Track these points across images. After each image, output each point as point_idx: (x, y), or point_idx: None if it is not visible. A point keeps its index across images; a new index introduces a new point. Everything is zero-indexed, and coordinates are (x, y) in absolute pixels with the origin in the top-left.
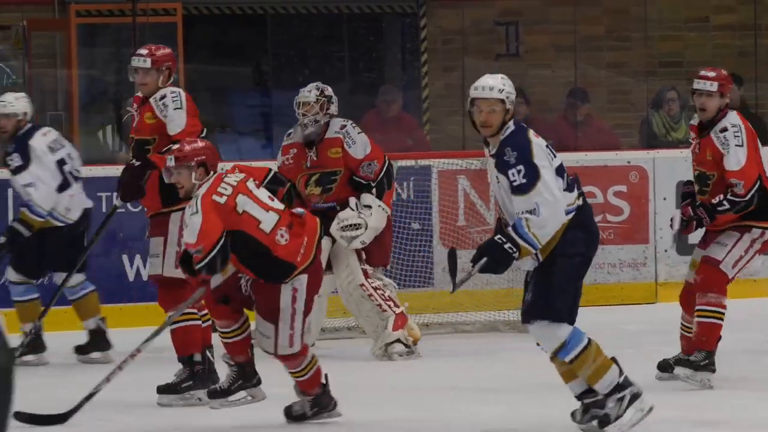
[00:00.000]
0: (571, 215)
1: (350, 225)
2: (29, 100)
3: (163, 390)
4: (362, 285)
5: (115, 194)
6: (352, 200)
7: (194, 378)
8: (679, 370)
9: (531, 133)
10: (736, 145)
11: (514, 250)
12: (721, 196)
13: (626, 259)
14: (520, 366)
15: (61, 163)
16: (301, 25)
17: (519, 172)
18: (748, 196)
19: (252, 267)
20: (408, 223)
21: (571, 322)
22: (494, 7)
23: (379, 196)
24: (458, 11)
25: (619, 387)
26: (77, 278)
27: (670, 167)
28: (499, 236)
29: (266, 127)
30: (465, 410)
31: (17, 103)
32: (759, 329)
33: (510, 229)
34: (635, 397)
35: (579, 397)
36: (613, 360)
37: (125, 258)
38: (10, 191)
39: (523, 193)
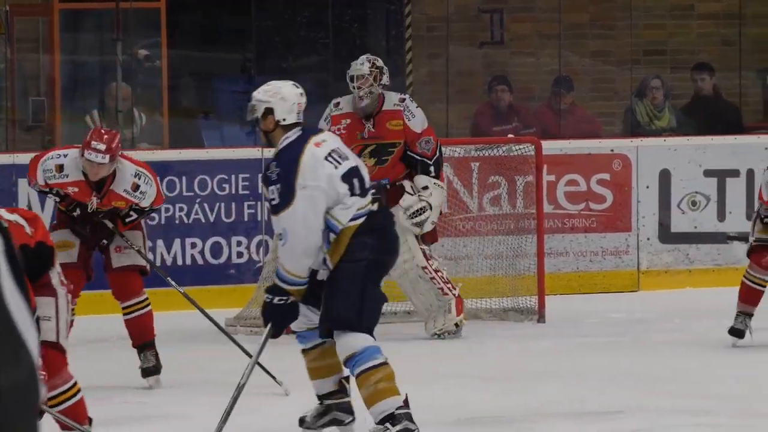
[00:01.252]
0: (360, 220)
1: (417, 211)
2: None
3: None
4: (425, 267)
5: None
6: (407, 184)
7: None
8: None
9: (311, 143)
10: None
11: (284, 298)
12: None
13: (609, 248)
14: (503, 353)
15: None
16: (285, 12)
17: (277, 190)
18: None
19: None
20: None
21: (363, 329)
22: None
23: (437, 174)
24: None
25: (392, 417)
26: None
27: (654, 155)
28: (266, 295)
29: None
30: (449, 397)
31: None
32: None
33: (274, 276)
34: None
35: (322, 397)
36: (403, 399)
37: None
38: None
39: (275, 213)
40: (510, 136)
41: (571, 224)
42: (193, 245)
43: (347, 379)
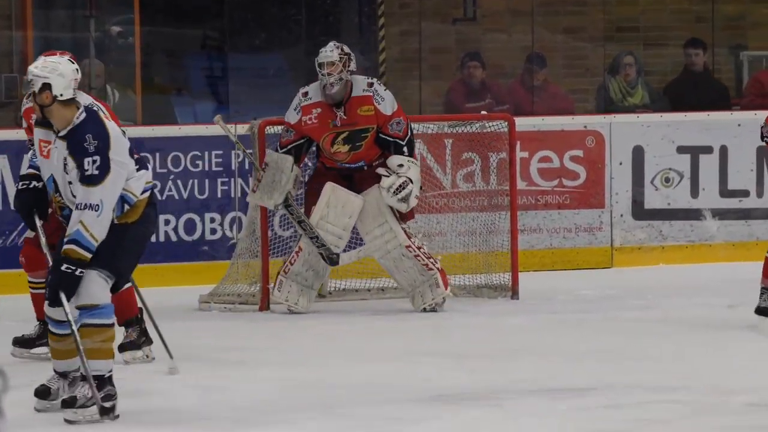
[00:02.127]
0: (148, 193)
1: (400, 186)
2: None
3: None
4: (408, 246)
5: None
6: (381, 170)
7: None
8: None
9: (105, 120)
10: None
11: (83, 271)
12: None
13: (582, 224)
14: (476, 330)
15: None
16: None
17: (94, 162)
18: None
19: None
20: None
21: (115, 288)
22: None
23: (410, 153)
24: None
25: (101, 380)
26: None
27: (627, 132)
28: (66, 265)
29: (222, 90)
30: (420, 374)
31: None
32: (716, 294)
33: (71, 245)
34: (108, 398)
35: (63, 374)
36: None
37: None
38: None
39: (92, 184)
40: (483, 112)
41: (545, 201)
42: (167, 222)
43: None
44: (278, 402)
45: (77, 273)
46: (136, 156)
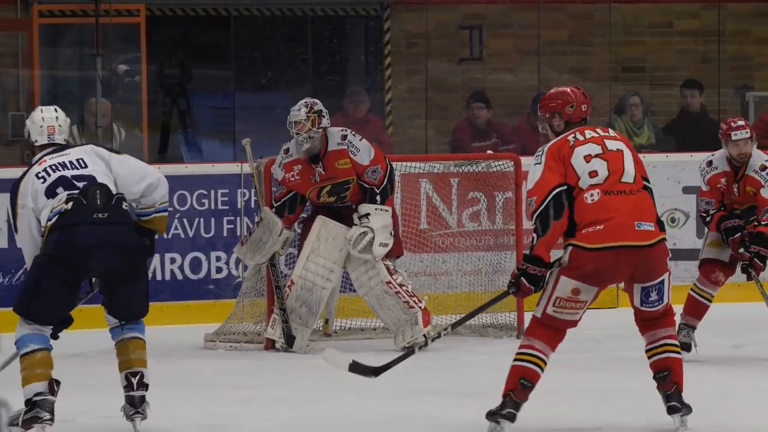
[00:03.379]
0: (53, 220)
1: (358, 238)
2: None
3: None
4: (389, 282)
5: None
6: (355, 216)
7: None
8: None
9: (36, 165)
10: (534, 164)
11: None
12: None
13: None
14: (481, 369)
15: None
16: (265, 27)
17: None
18: None
19: None
20: None
21: (32, 317)
22: (458, 11)
23: (383, 200)
24: (422, 14)
25: (31, 403)
26: None
27: None
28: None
29: (229, 129)
30: (426, 413)
31: None
32: (722, 334)
33: None
34: (33, 420)
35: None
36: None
37: None
38: None
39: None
40: (489, 152)
41: None
42: (173, 260)
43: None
44: None
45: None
46: (60, 189)
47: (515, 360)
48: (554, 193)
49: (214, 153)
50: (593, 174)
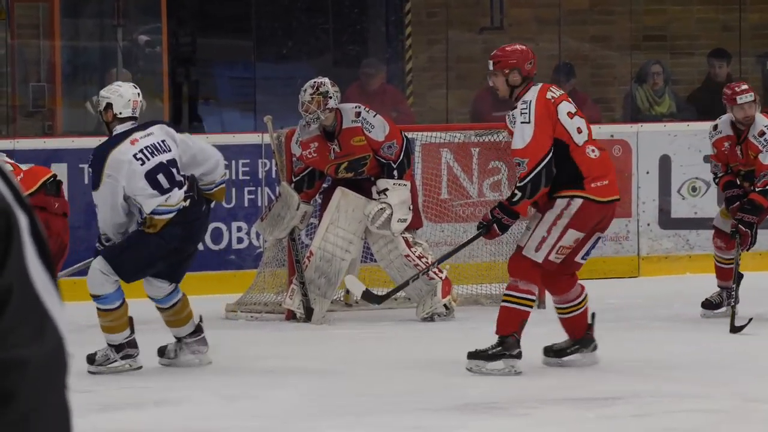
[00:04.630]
0: (170, 215)
1: (376, 214)
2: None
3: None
4: (407, 256)
5: None
6: (373, 189)
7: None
8: None
9: (127, 141)
10: (521, 122)
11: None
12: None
13: (609, 233)
14: None
15: None
16: None
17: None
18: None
19: None
20: None
21: (127, 279)
22: None
23: (400, 175)
24: None
25: (120, 347)
26: None
27: (654, 141)
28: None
29: (250, 99)
30: (446, 383)
31: None
32: (742, 303)
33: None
34: (128, 356)
35: (182, 338)
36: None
37: None
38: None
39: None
40: None
41: None
42: None
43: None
44: (303, 410)
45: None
46: (161, 177)
47: (514, 303)
48: (547, 160)
49: (234, 123)
50: (579, 130)
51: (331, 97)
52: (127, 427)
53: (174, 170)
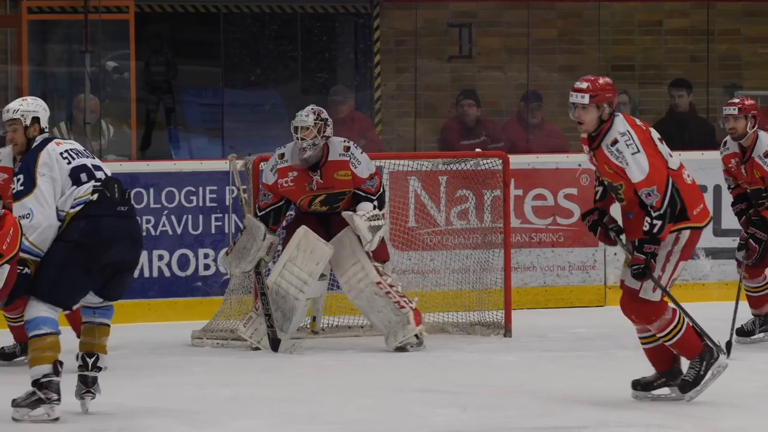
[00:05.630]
0: (77, 208)
1: (373, 216)
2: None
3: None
4: (379, 283)
5: None
6: (346, 213)
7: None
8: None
9: (53, 142)
10: (632, 154)
11: (21, 268)
12: None
13: (575, 262)
14: (468, 367)
15: None
16: (254, 24)
17: (18, 180)
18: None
19: None
20: None
21: (49, 300)
22: (448, 9)
23: (380, 208)
24: (411, 12)
25: (38, 384)
26: None
27: None
28: (20, 268)
29: (218, 126)
30: (412, 411)
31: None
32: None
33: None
34: (41, 401)
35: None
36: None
37: None
38: None
39: (19, 199)
40: (478, 150)
41: (539, 239)
42: (161, 257)
43: None
44: None
45: (24, 272)
46: (83, 175)
47: (675, 335)
48: (671, 180)
49: (202, 150)
50: (671, 155)
51: (329, 126)
52: None
53: (98, 174)
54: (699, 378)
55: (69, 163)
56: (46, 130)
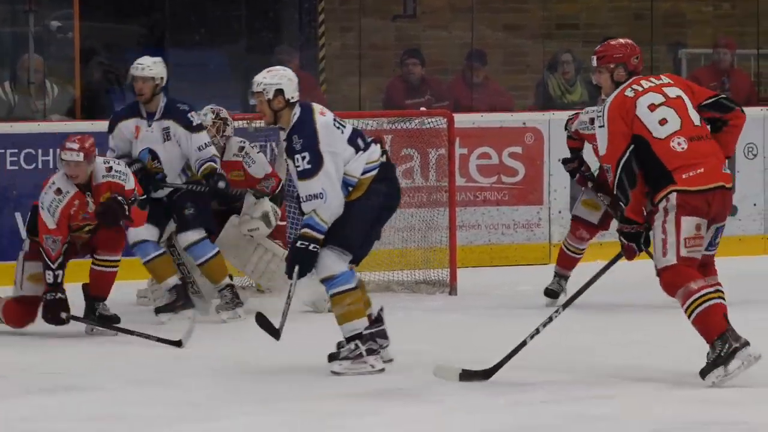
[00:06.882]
0: (373, 172)
1: (264, 215)
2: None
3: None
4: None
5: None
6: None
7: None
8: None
9: (317, 113)
10: (599, 127)
11: (316, 246)
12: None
13: (520, 221)
14: (414, 325)
15: None
16: None
17: (304, 158)
18: None
19: None
20: None
21: (356, 260)
22: None
23: (278, 206)
24: None
25: (360, 337)
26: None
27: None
28: (300, 242)
29: None
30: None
31: (155, 66)
32: (649, 288)
33: (305, 228)
34: (371, 352)
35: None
36: (373, 319)
37: (18, 216)
38: None
39: (308, 178)
40: (422, 109)
41: (483, 197)
42: None
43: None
44: (216, 396)
45: (310, 248)
46: (360, 140)
47: (697, 306)
48: (623, 161)
49: None
50: (663, 122)
51: (229, 125)
52: (35, 413)
53: (364, 135)
54: (719, 360)
55: (342, 132)
56: (291, 100)
